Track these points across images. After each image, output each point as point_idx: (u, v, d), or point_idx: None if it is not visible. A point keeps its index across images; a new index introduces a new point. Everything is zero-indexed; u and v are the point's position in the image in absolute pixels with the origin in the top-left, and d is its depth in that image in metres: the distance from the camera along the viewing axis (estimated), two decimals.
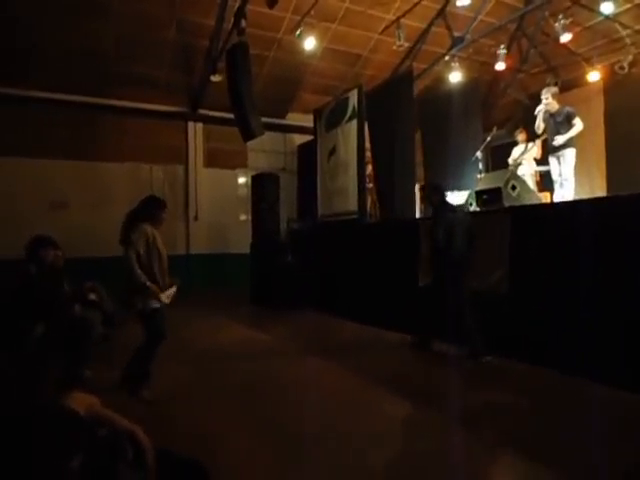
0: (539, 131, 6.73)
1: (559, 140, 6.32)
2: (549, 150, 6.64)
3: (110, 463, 0.86)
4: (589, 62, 9.48)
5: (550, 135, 6.54)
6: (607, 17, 8.22)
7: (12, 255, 4.34)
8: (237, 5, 7.45)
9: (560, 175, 6.46)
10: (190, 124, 10.70)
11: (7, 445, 0.74)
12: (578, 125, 6.28)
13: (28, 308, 3.57)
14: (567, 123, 6.32)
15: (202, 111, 10.54)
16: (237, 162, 11.35)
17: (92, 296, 4.47)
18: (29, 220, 8.30)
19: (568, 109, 6.42)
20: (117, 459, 0.86)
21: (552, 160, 6.62)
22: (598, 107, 8.66)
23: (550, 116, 6.53)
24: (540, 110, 6.63)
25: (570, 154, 6.36)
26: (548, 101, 6.50)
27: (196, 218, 10.73)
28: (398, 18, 8.90)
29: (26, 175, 9.01)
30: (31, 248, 3.88)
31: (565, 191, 6.35)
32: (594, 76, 9.01)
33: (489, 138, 7.80)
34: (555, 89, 6.83)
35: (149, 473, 0.87)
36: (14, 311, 3.57)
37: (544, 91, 6.70)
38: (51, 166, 9.30)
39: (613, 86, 8.77)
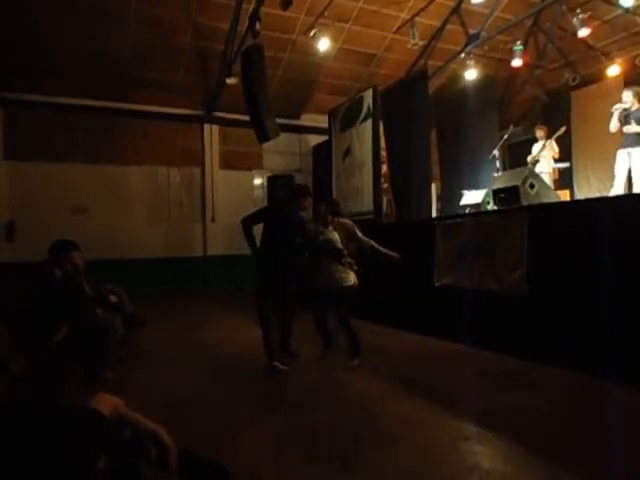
0: (614, 130, 6.54)
1: (631, 129, 6.19)
2: (622, 144, 6.46)
3: (134, 464, 0.88)
4: (608, 56, 9.32)
5: (624, 129, 6.39)
6: (627, 10, 8.07)
7: (34, 258, 4.45)
8: (251, 8, 7.51)
9: (631, 172, 6.32)
10: (206, 126, 10.82)
11: (35, 446, 0.76)
12: None
13: (51, 310, 3.65)
14: None
15: (218, 113, 10.65)
16: (253, 164, 11.44)
17: (112, 298, 4.54)
18: (51, 223, 8.49)
19: None
20: (141, 460, 0.88)
21: (622, 153, 6.44)
22: (618, 102, 8.49)
23: (626, 116, 6.36)
24: (617, 109, 6.44)
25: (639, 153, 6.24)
26: (629, 99, 6.34)
27: (213, 220, 10.84)
28: (412, 17, 8.87)
29: (47, 179, 9.22)
30: (54, 251, 3.96)
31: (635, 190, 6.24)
32: (614, 70, 8.84)
33: (506, 136, 7.71)
34: (638, 88, 6.61)
35: (172, 473, 0.89)
36: (37, 313, 3.66)
37: (626, 89, 6.57)
38: (71, 170, 9.50)
39: (634, 80, 8.58)
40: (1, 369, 2.39)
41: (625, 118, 6.34)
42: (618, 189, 6.36)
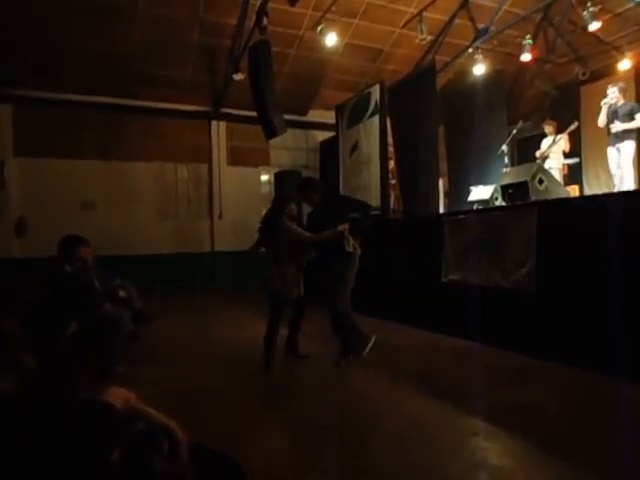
0: (602, 125, 6.62)
1: (618, 127, 6.25)
2: (609, 142, 6.56)
3: (147, 457, 0.89)
4: (619, 50, 9.19)
5: (611, 127, 6.46)
6: (638, 3, 7.95)
7: (44, 254, 4.48)
8: (259, 3, 7.50)
9: (619, 167, 6.41)
10: (213, 123, 10.84)
11: (48, 439, 0.77)
12: (638, 121, 6.18)
13: (61, 306, 3.68)
14: (629, 117, 6.24)
15: (225, 110, 10.67)
16: (260, 160, 11.44)
17: (122, 293, 4.57)
18: (60, 220, 8.55)
19: (633, 104, 6.36)
20: (153, 453, 0.89)
21: (611, 150, 6.52)
22: (630, 96, 8.38)
23: (614, 111, 6.43)
24: (605, 103, 6.53)
25: (629, 146, 6.30)
26: (614, 94, 6.43)
27: (220, 216, 10.87)
28: (420, 11, 8.81)
29: (56, 176, 9.29)
30: (64, 247, 3.98)
31: (624, 183, 6.29)
32: (625, 64, 8.73)
33: (514, 131, 7.66)
34: (623, 84, 6.74)
35: (184, 466, 0.90)
36: (47, 309, 3.69)
37: (611, 85, 6.65)
38: (80, 167, 9.57)
39: None
40: (14, 364, 2.42)
41: (612, 114, 6.40)
42: (620, 186, 6.39)
